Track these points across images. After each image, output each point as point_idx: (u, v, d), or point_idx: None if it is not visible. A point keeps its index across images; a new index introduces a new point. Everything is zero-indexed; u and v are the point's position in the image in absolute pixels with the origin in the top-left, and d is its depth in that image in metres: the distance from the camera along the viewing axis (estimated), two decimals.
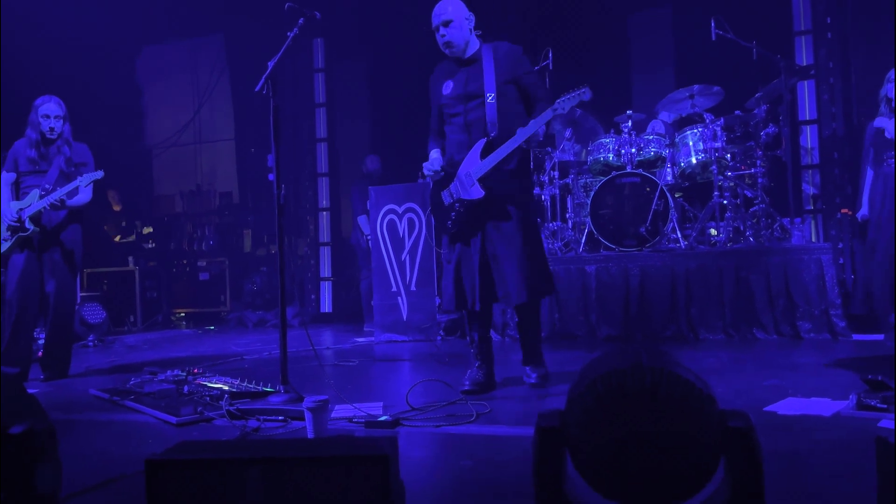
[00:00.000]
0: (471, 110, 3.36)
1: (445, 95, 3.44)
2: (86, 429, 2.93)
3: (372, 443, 1.48)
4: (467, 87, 3.37)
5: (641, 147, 5.71)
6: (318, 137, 9.05)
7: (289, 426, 2.74)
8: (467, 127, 3.37)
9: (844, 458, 2.10)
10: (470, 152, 3.31)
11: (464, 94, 3.38)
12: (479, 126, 3.33)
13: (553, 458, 1.34)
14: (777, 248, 5.00)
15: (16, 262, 4.19)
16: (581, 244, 5.68)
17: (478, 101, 3.34)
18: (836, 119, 6.41)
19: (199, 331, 7.61)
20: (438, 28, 3.35)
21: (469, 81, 3.37)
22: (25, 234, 4.15)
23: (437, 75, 3.56)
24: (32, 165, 4.26)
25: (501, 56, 3.36)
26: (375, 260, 6.02)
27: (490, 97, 3.29)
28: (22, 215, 4.14)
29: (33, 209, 4.14)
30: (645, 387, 1.26)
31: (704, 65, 6.34)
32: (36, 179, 4.25)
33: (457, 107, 3.41)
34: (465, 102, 3.38)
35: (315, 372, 4.09)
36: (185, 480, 1.42)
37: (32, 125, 4.26)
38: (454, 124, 3.44)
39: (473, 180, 3.27)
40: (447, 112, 3.47)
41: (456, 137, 3.42)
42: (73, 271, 4.40)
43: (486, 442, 2.47)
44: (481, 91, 3.31)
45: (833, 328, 4.72)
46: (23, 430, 1.48)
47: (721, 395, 1.37)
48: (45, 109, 4.23)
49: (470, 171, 3.29)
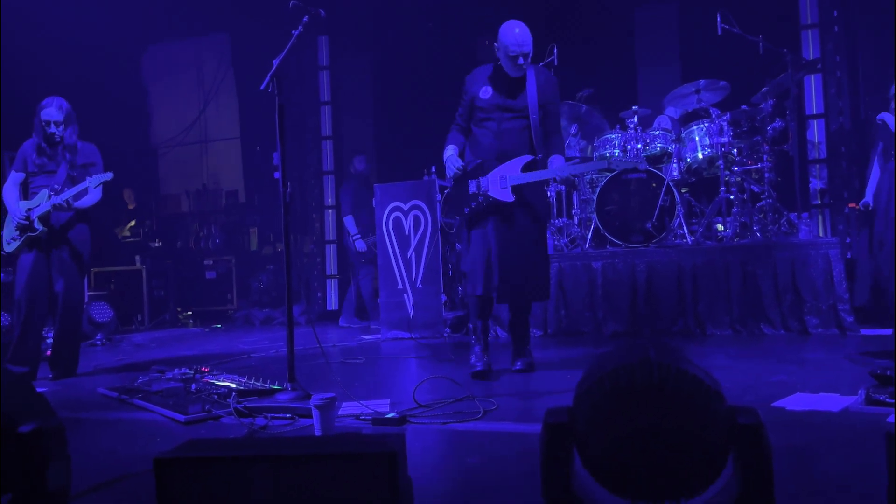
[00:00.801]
0: (505, 120, 3.65)
1: (484, 99, 3.67)
2: (94, 427, 2.95)
3: (380, 440, 1.48)
4: (507, 101, 3.65)
5: (647, 143, 5.69)
6: (324, 135, 9.06)
7: (296, 424, 2.74)
8: (499, 134, 3.65)
9: (853, 454, 2.09)
10: (513, 160, 3.61)
11: (503, 105, 3.65)
12: (510, 137, 3.64)
13: (561, 454, 1.34)
14: (784, 243, 4.97)
15: (24, 261, 4.20)
16: (587, 240, 5.67)
17: (514, 114, 3.64)
18: (844, 113, 6.38)
19: (207, 329, 7.63)
20: (518, 56, 3.55)
21: (510, 95, 3.65)
22: (34, 234, 4.17)
23: (477, 77, 3.77)
24: (43, 166, 4.27)
25: (543, 81, 3.68)
26: (381, 257, 6.02)
27: (535, 119, 3.62)
28: (31, 215, 4.16)
29: (41, 210, 4.16)
30: (653, 383, 1.26)
31: (711, 59, 6.31)
32: (45, 180, 4.26)
33: (493, 113, 3.67)
34: (501, 111, 3.65)
35: (322, 369, 4.10)
36: (193, 478, 1.42)
37: (37, 128, 4.27)
38: (486, 128, 3.69)
39: (508, 185, 3.58)
40: (479, 115, 3.70)
41: (486, 141, 3.68)
42: (82, 270, 4.40)
43: (493, 439, 2.47)
44: (521, 108, 3.63)
45: (841, 323, 4.70)
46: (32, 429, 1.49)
47: (729, 391, 1.36)
48: (46, 115, 4.23)
49: (507, 175, 3.59)
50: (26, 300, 4.15)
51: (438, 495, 1.90)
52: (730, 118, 5.44)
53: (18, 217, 4.16)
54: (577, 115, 6.25)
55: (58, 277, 4.25)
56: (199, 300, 8.67)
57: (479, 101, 3.69)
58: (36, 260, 4.20)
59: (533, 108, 3.62)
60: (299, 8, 3.23)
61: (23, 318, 4.15)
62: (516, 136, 3.65)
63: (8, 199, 4.28)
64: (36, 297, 4.18)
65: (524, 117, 3.65)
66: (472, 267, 3.63)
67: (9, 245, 4.25)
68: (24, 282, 4.16)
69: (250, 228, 9.15)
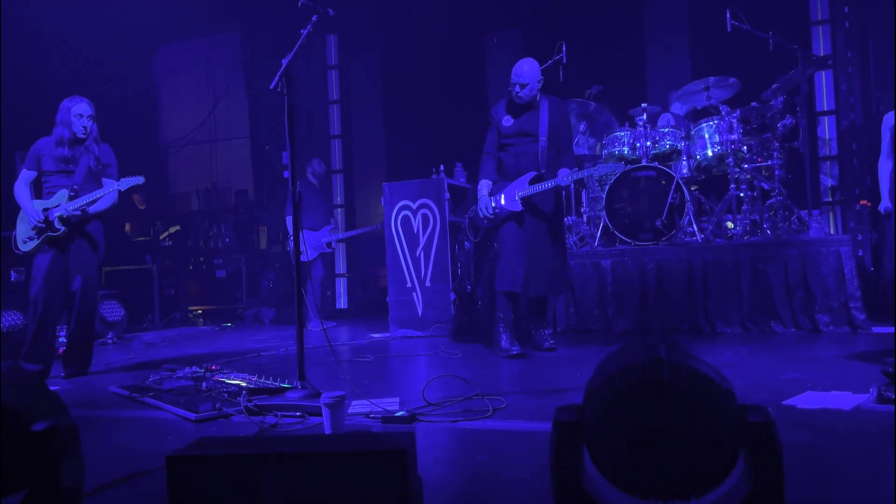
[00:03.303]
0: (523, 144, 4.34)
1: (506, 127, 4.37)
2: (107, 425, 2.97)
3: (389, 438, 1.49)
4: (524, 127, 4.33)
5: (657, 140, 5.67)
6: (333, 134, 9.08)
7: (306, 422, 2.75)
8: (518, 157, 4.36)
9: (865, 452, 2.08)
10: (522, 177, 4.29)
11: (521, 132, 4.34)
12: (527, 158, 4.34)
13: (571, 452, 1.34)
14: (795, 241, 4.95)
15: (42, 260, 4.18)
16: (596, 238, 5.66)
17: (530, 138, 4.32)
18: (855, 109, 6.34)
19: (217, 328, 7.66)
20: (515, 85, 4.24)
21: (527, 122, 4.32)
22: (55, 235, 4.18)
23: (500, 109, 4.45)
24: (62, 164, 4.25)
25: (554, 108, 4.33)
26: (390, 256, 6.03)
27: (543, 140, 4.26)
28: (49, 215, 4.17)
29: (63, 211, 4.15)
30: (663, 381, 1.26)
31: (720, 56, 6.29)
32: (63, 179, 4.25)
33: (512, 139, 4.37)
34: (520, 137, 4.34)
35: (332, 368, 4.11)
36: (204, 476, 1.43)
37: (64, 124, 4.23)
38: (509, 152, 4.40)
39: (517, 197, 4.26)
40: (503, 141, 4.41)
41: (509, 162, 4.40)
42: (99, 268, 4.43)
43: (502, 437, 2.47)
44: (535, 132, 4.30)
45: (853, 321, 4.67)
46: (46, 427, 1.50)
47: (739, 389, 1.36)
48: (79, 109, 4.23)
49: (517, 189, 4.27)
50: (43, 298, 4.15)
51: (449, 494, 1.90)
52: (740, 115, 5.41)
53: (37, 219, 4.15)
54: (585, 112, 6.24)
55: (75, 275, 4.25)
56: (210, 299, 8.71)
57: (503, 129, 4.37)
58: (53, 258, 4.19)
59: (543, 132, 4.25)
60: (308, 7, 3.24)
61: (39, 316, 4.14)
62: (531, 156, 4.32)
63: (22, 198, 4.26)
64: (53, 295, 4.19)
65: (538, 140, 4.29)
66: (501, 268, 4.28)
67: (25, 244, 4.24)
68: (41, 280, 4.15)
69: (260, 227, 9.19)
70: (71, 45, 8.02)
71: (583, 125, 6.20)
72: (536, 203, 4.31)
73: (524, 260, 4.23)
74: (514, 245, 4.25)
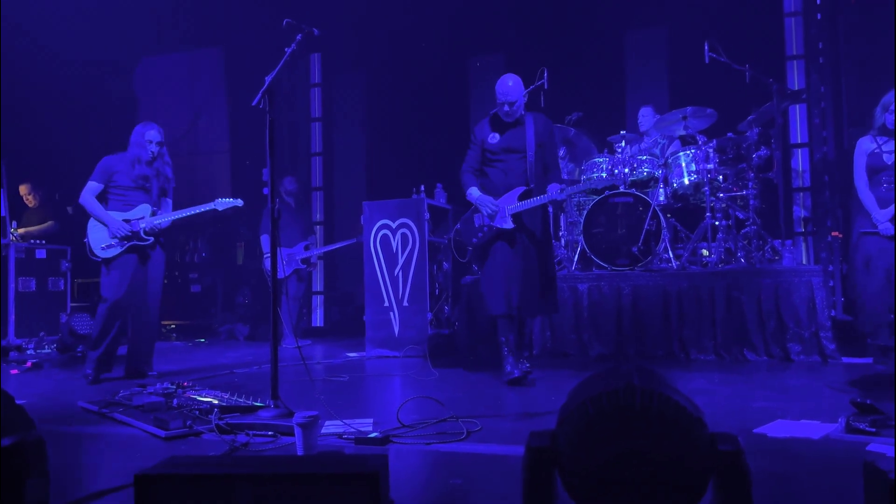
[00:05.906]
0: (511, 160, 4.30)
1: (492, 144, 4.33)
2: (74, 441, 2.91)
3: (362, 460, 1.48)
4: (511, 143, 4.29)
5: (635, 167, 5.75)
6: (314, 151, 9.08)
7: (278, 441, 2.73)
8: (506, 172, 4.30)
9: (833, 482, 2.11)
10: (510, 192, 4.24)
11: (508, 148, 4.30)
12: (515, 174, 4.29)
13: (543, 477, 1.35)
14: (768, 270, 5.02)
15: (126, 266, 4.56)
16: (573, 262, 5.70)
17: (518, 155, 4.28)
18: (827, 143, 6.48)
19: (190, 343, 7.57)
20: (504, 104, 4.22)
21: (513, 139, 4.29)
22: (142, 244, 4.62)
23: (484, 127, 4.40)
24: (140, 181, 4.67)
25: (540, 124, 4.32)
26: (368, 274, 6.02)
27: (531, 155, 4.25)
28: (134, 226, 4.58)
29: (149, 224, 4.61)
30: (635, 408, 1.27)
31: (698, 86, 6.39)
32: (141, 195, 4.68)
33: (499, 155, 4.32)
34: (507, 153, 4.30)
35: (306, 387, 4.07)
36: (174, 495, 1.41)
37: (140, 146, 4.67)
38: (496, 168, 4.34)
39: (507, 214, 4.20)
40: (489, 157, 4.35)
41: (497, 178, 4.33)
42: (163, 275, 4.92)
43: (476, 460, 2.46)
44: (522, 148, 4.27)
45: (823, 350, 4.74)
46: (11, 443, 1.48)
47: (711, 417, 1.37)
48: (151, 136, 4.70)
49: (506, 206, 4.22)
50: (125, 303, 4.55)
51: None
52: (716, 145, 5.51)
53: (123, 230, 4.53)
54: (565, 138, 6.31)
55: (152, 280, 4.72)
56: (184, 313, 8.59)
57: (488, 146, 4.33)
58: (137, 265, 4.62)
59: (530, 148, 4.24)
60: (293, 26, 3.26)
61: (118, 318, 4.56)
62: (519, 172, 4.28)
63: (96, 208, 4.59)
64: (133, 300, 4.60)
65: (525, 156, 4.26)
66: (490, 289, 4.21)
67: (104, 251, 4.56)
68: (125, 285, 4.53)
69: (238, 243, 9.11)
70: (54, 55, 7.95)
71: (562, 150, 6.26)
72: (525, 222, 4.25)
73: (517, 280, 4.13)
74: (505, 265, 4.16)
